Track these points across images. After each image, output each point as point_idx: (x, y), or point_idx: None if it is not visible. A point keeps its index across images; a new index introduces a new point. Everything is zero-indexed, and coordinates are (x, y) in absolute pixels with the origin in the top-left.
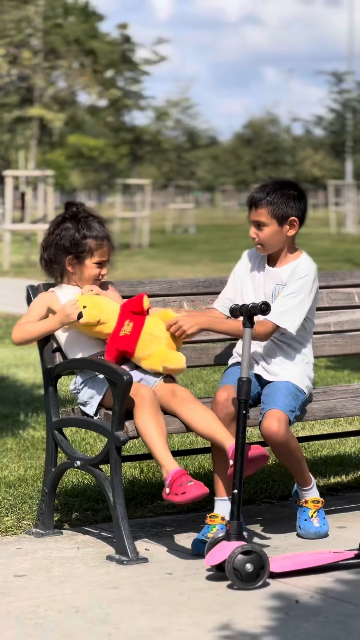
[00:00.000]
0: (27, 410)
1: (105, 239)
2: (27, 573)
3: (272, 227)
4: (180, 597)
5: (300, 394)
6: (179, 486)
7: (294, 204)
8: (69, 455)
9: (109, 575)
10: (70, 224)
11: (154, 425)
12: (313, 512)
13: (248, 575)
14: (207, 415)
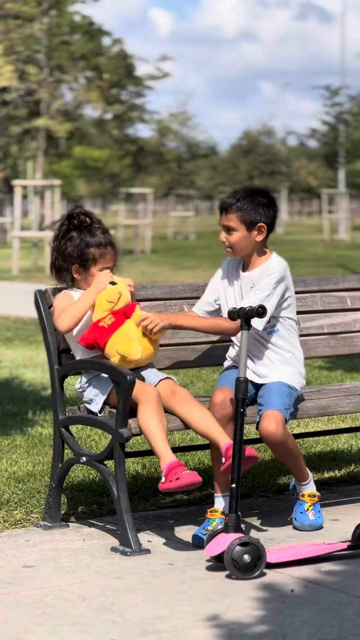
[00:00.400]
0: (35, 409)
1: (108, 246)
2: (36, 564)
3: (240, 232)
4: (181, 587)
5: (293, 391)
6: (174, 474)
7: (263, 210)
8: (75, 451)
9: (113, 566)
10: (74, 233)
11: (155, 421)
12: (309, 505)
13: (246, 566)
14: (204, 414)
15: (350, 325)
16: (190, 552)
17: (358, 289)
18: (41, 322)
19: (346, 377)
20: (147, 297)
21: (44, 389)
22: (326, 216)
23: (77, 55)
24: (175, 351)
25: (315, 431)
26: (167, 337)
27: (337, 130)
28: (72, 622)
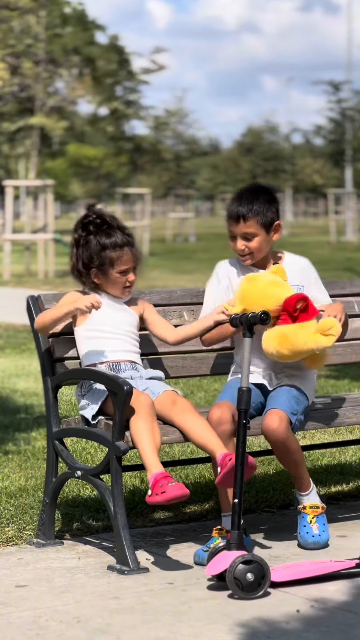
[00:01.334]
0: (27, 420)
1: (125, 246)
2: (29, 583)
3: (261, 236)
4: (182, 607)
5: (304, 399)
6: (159, 487)
7: (274, 207)
8: (69, 465)
9: (110, 585)
10: (91, 237)
11: (146, 431)
12: (311, 517)
13: (249, 585)
14: (201, 425)
15: (358, 332)
16: (191, 571)
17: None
18: (33, 329)
19: (354, 387)
20: None
21: (37, 400)
22: (333, 217)
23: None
24: (174, 360)
25: (322, 443)
26: (166, 345)
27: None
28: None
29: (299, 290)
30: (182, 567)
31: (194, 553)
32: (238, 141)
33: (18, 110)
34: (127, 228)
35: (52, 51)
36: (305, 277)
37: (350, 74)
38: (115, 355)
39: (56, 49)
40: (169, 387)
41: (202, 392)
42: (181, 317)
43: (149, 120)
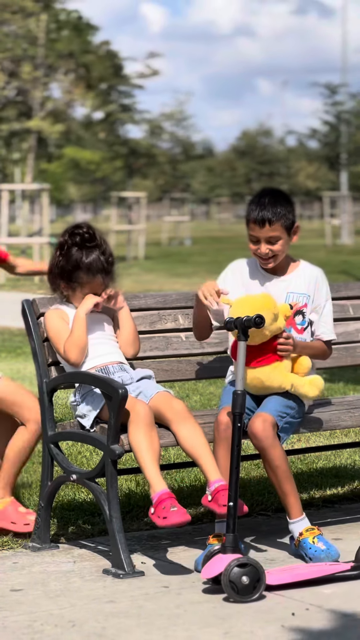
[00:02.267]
0: None
1: (99, 273)
2: (24, 587)
3: (284, 238)
4: (177, 610)
5: (296, 405)
6: (162, 509)
7: (292, 209)
8: (65, 469)
9: (105, 589)
10: (74, 250)
11: (146, 444)
12: (312, 538)
13: (244, 588)
14: (196, 437)
15: (353, 335)
16: (186, 575)
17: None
18: (29, 333)
19: (349, 390)
20: (140, 306)
21: None
22: (328, 220)
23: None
24: (170, 363)
25: (317, 446)
26: (161, 348)
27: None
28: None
29: (306, 299)
30: (177, 570)
31: (194, 561)
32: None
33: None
34: (111, 254)
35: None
36: (312, 286)
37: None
38: (102, 359)
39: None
40: (161, 388)
41: (198, 396)
42: (176, 321)
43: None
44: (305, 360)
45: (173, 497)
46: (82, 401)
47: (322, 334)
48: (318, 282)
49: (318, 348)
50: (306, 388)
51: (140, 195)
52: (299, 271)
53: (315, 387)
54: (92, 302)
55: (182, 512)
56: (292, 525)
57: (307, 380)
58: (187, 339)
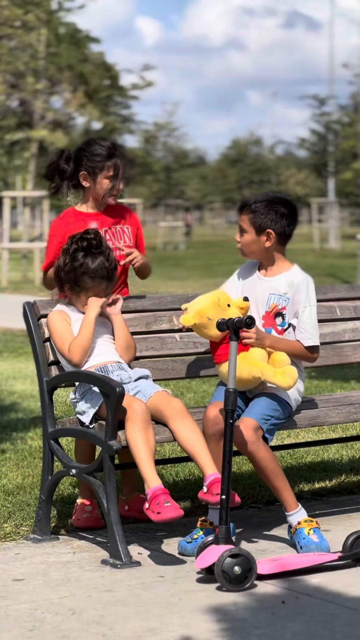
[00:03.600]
0: (24, 421)
1: (104, 280)
2: (26, 577)
3: (250, 235)
4: (172, 599)
5: (283, 406)
6: (156, 504)
7: (275, 217)
8: (64, 463)
9: (103, 579)
10: (80, 254)
11: (142, 441)
12: (308, 529)
13: (236, 578)
14: (194, 434)
15: (340, 335)
16: (181, 565)
17: (347, 298)
18: (30, 333)
19: (336, 387)
20: (136, 308)
21: (33, 401)
22: (316, 225)
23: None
24: (164, 362)
25: (306, 442)
26: (156, 348)
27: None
28: (61, 635)
29: (285, 301)
30: (172, 561)
31: (177, 544)
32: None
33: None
34: (115, 260)
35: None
36: (292, 290)
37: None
38: (101, 358)
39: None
40: (159, 388)
41: (192, 394)
42: (171, 322)
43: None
44: (280, 356)
45: (167, 492)
46: (81, 399)
47: (301, 339)
48: (298, 288)
49: (294, 346)
50: (278, 378)
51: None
52: (285, 275)
53: (289, 377)
54: (98, 305)
55: (175, 507)
56: (290, 517)
57: (280, 371)
58: (181, 340)
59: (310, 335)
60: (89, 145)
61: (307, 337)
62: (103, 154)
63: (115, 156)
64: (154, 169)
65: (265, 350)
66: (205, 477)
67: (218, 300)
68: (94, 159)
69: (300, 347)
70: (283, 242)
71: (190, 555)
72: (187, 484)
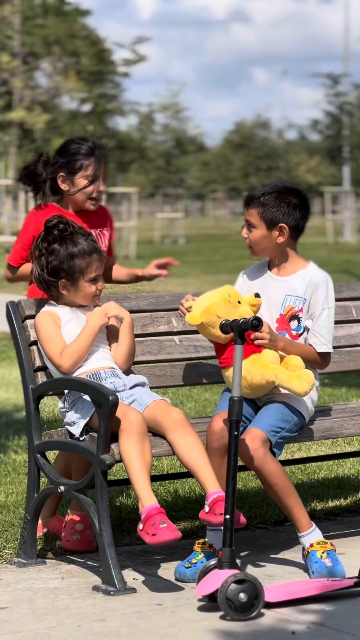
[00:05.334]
0: (7, 433)
1: (94, 253)
2: (9, 605)
3: (260, 230)
4: (171, 629)
5: (296, 417)
6: (151, 526)
7: (288, 210)
8: (52, 480)
9: (95, 607)
10: (56, 245)
11: (137, 455)
12: (321, 552)
13: (242, 606)
14: (195, 448)
15: (356, 338)
16: (180, 591)
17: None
18: (14, 336)
19: (352, 396)
20: (131, 308)
21: (17, 411)
22: (330, 217)
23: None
24: (163, 368)
25: (319, 455)
26: (153, 352)
27: (341, 122)
28: None
29: (303, 303)
30: (171, 587)
31: (174, 569)
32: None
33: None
34: (90, 234)
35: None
36: (310, 291)
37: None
38: (93, 364)
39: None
40: (157, 396)
41: (193, 402)
42: (169, 324)
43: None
44: (295, 360)
45: (163, 512)
46: (71, 408)
47: (314, 344)
48: (316, 288)
49: (307, 350)
50: (294, 382)
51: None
52: (302, 273)
53: (305, 382)
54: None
55: (172, 528)
56: (302, 539)
57: (295, 375)
58: (181, 343)
59: (325, 340)
60: (68, 144)
61: (322, 342)
62: (82, 152)
63: (95, 156)
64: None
65: (278, 354)
66: (207, 496)
67: (228, 296)
68: (72, 158)
69: (312, 352)
70: (296, 237)
71: (190, 582)
72: (186, 502)
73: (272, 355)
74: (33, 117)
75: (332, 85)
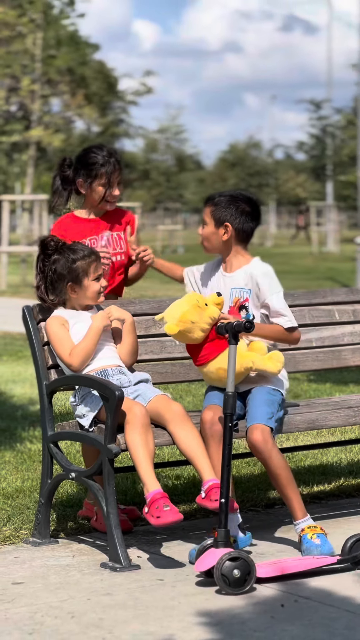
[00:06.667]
0: (24, 424)
1: (92, 254)
2: (25, 580)
3: (210, 227)
4: (171, 602)
5: (277, 395)
6: (155, 509)
7: (235, 212)
8: (64, 467)
9: (103, 582)
10: (57, 256)
11: (141, 445)
12: (312, 534)
13: (235, 581)
14: (193, 438)
15: (339, 339)
16: (180, 568)
17: (346, 302)
18: (29, 337)
19: (335, 391)
20: (135, 312)
21: (32, 405)
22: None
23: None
24: (163, 366)
25: (305, 445)
26: (155, 352)
27: (324, 143)
28: (61, 638)
29: (247, 293)
30: (172, 564)
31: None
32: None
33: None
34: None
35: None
36: (251, 282)
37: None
38: (101, 362)
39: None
40: (159, 391)
41: (191, 397)
42: None
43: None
44: (259, 344)
45: (166, 496)
46: (81, 402)
47: (281, 323)
48: (258, 279)
49: (275, 329)
50: (268, 364)
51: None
52: (245, 268)
53: (277, 361)
54: (106, 317)
55: (175, 511)
56: (296, 526)
57: (267, 357)
58: (180, 343)
59: (287, 318)
60: (85, 153)
61: (285, 320)
62: (98, 162)
63: (110, 164)
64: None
65: (245, 343)
66: (204, 483)
67: (196, 302)
68: (88, 166)
69: (280, 329)
70: (242, 239)
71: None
72: (186, 487)
73: (242, 344)
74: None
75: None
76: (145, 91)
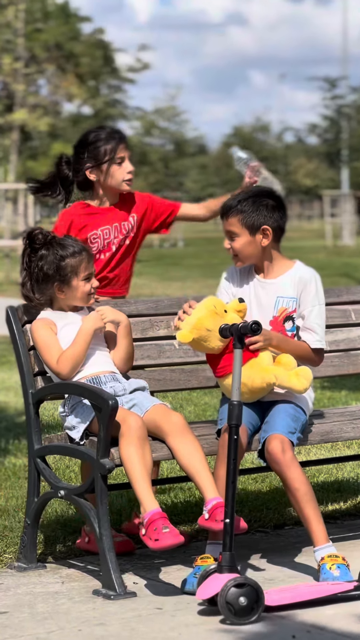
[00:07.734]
0: (7, 437)
1: (82, 251)
2: (9, 610)
3: (244, 237)
4: (171, 634)
5: (301, 413)
6: (153, 530)
7: (267, 212)
8: (52, 484)
9: (95, 611)
10: (44, 251)
11: (138, 460)
12: (331, 564)
13: (242, 610)
14: (195, 452)
15: (355, 342)
16: (180, 595)
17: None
18: (13, 341)
19: (351, 399)
20: (130, 312)
21: (18, 415)
22: (328, 220)
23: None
24: (162, 372)
25: (318, 459)
26: (153, 357)
27: (339, 126)
28: None
29: (295, 304)
30: (171, 591)
31: (181, 581)
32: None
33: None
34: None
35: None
36: (301, 287)
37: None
38: (93, 368)
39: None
40: (157, 400)
41: (192, 406)
42: (169, 328)
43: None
44: (286, 358)
45: (165, 517)
46: (71, 412)
47: (309, 341)
48: (305, 285)
49: (301, 346)
50: (293, 381)
51: None
52: (290, 273)
53: (304, 379)
54: (99, 320)
55: (175, 533)
56: (316, 553)
57: (293, 373)
58: (180, 347)
59: (319, 337)
60: (86, 135)
61: (316, 339)
62: (102, 138)
63: (115, 139)
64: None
65: (272, 355)
66: (206, 502)
67: (214, 307)
68: (94, 147)
69: (306, 349)
70: (278, 238)
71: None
72: (187, 506)
73: (268, 357)
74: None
75: (329, 88)
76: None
